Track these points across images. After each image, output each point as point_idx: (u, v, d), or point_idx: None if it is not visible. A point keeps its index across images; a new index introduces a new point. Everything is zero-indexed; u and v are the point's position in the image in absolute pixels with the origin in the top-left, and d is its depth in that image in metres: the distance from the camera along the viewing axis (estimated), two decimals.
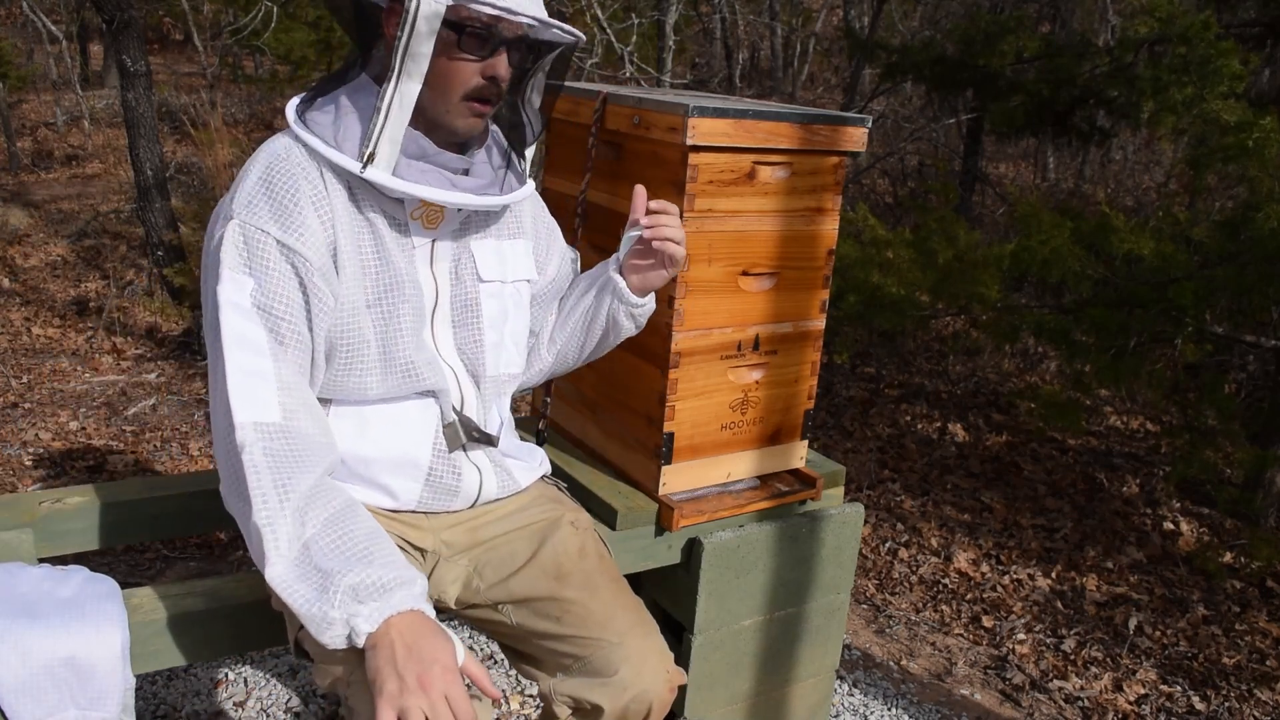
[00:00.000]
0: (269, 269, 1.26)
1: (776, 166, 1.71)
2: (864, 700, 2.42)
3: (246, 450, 1.20)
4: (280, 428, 1.23)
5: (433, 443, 1.43)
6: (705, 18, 10.62)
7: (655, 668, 1.41)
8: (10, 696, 1.22)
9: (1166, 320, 3.09)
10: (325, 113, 1.33)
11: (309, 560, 1.19)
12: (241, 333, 1.24)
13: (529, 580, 1.46)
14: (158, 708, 2.18)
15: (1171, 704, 2.51)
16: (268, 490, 1.20)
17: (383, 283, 1.35)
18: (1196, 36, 3.20)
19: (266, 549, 1.19)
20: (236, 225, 1.26)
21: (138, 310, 4.96)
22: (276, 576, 1.19)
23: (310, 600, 1.16)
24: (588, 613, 1.42)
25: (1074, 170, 7.60)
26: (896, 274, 3.42)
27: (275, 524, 1.19)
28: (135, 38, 4.47)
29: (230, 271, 1.25)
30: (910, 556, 3.17)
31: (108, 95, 10.53)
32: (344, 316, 1.32)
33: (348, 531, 1.22)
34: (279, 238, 1.26)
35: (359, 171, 1.27)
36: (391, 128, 1.27)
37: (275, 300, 1.26)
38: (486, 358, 1.46)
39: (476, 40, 1.28)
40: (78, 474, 3.32)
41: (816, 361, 1.91)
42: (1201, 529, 3.38)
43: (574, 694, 1.41)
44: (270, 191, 1.28)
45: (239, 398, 1.22)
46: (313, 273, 1.27)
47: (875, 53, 5.05)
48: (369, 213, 1.34)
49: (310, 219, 1.28)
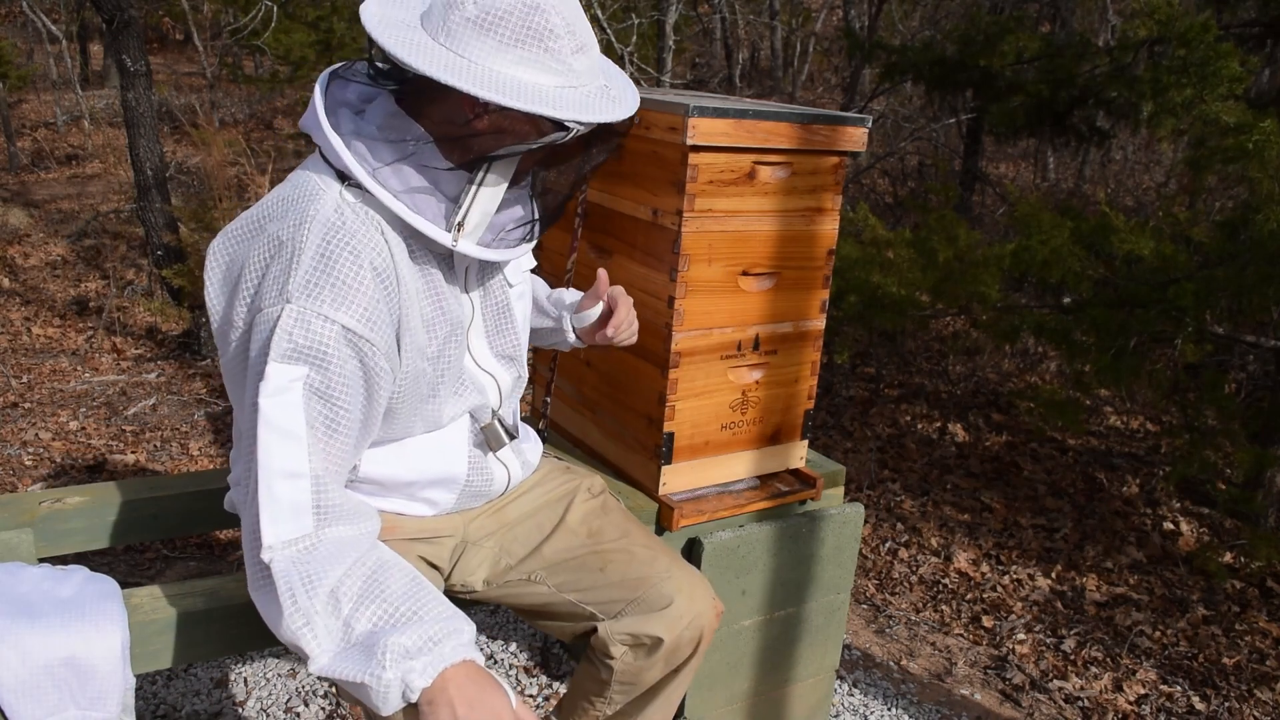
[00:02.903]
0: (328, 355, 1.17)
1: (776, 166, 1.71)
2: (864, 700, 2.42)
3: (276, 563, 1.15)
4: (311, 536, 1.17)
5: (468, 458, 1.46)
6: (705, 18, 10.62)
7: (704, 595, 1.50)
8: (10, 696, 1.22)
9: (1166, 320, 3.09)
10: (396, 171, 1.23)
11: (350, 638, 1.15)
12: (283, 435, 1.16)
13: (562, 544, 1.52)
14: (158, 708, 2.18)
15: (1171, 704, 2.51)
16: (296, 590, 1.14)
17: (442, 335, 1.34)
18: (1196, 38, 3.20)
19: (307, 648, 1.14)
20: (294, 312, 1.15)
21: (137, 310, 4.96)
22: (325, 669, 1.14)
23: (360, 669, 1.12)
24: (631, 556, 1.50)
25: (1074, 170, 7.60)
26: (896, 274, 3.42)
27: (312, 621, 1.14)
28: (135, 38, 4.47)
29: (279, 363, 1.15)
30: (910, 556, 3.17)
31: (108, 95, 10.54)
32: (406, 384, 1.30)
33: (385, 596, 1.17)
34: (345, 324, 1.17)
35: (452, 245, 1.24)
36: (484, 202, 1.25)
37: (334, 388, 1.18)
38: (523, 356, 1.53)
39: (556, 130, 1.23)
40: (78, 474, 3.32)
41: (816, 361, 1.91)
42: (1201, 529, 3.38)
43: (633, 630, 1.46)
44: (330, 269, 1.17)
45: (269, 515, 1.15)
46: (378, 355, 1.21)
47: (875, 53, 5.05)
48: (425, 265, 1.31)
49: (376, 296, 1.20)
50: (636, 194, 1.74)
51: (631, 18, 5.80)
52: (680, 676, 1.53)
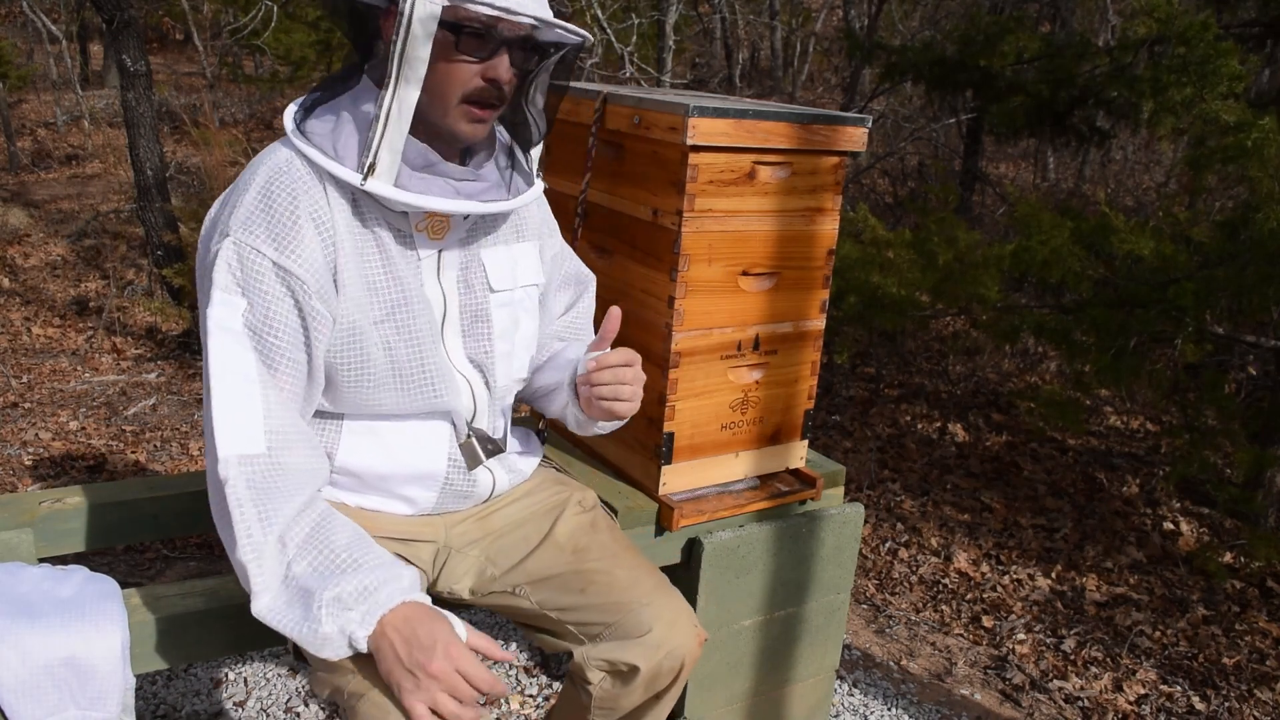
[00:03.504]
0: (264, 292, 1.22)
1: (776, 166, 1.71)
2: (864, 700, 2.42)
3: (230, 484, 1.19)
4: (265, 459, 1.21)
5: (448, 455, 1.43)
6: (705, 18, 10.63)
7: (685, 624, 1.45)
8: (10, 696, 1.22)
9: (1166, 320, 3.09)
10: (325, 121, 1.28)
11: (294, 584, 1.19)
12: (230, 357, 1.22)
13: (546, 560, 1.48)
14: (158, 708, 2.18)
15: (1171, 704, 2.51)
16: (251, 523, 1.18)
17: (391, 300, 1.32)
18: (1196, 37, 3.20)
19: (252, 583, 1.19)
20: (232, 244, 1.22)
21: (137, 310, 4.96)
22: (264, 609, 1.19)
23: (299, 622, 1.16)
24: (612, 579, 1.45)
25: (1074, 170, 7.60)
26: (896, 274, 3.42)
27: (261, 557, 1.19)
28: (135, 38, 4.47)
29: (223, 293, 1.22)
30: (910, 556, 3.17)
31: (108, 95, 10.54)
32: (343, 336, 1.30)
33: (327, 545, 1.21)
34: (275, 259, 1.22)
35: (359, 184, 1.23)
36: (391, 136, 1.22)
37: (268, 324, 1.23)
38: (498, 368, 1.45)
39: (475, 41, 1.24)
40: (78, 474, 3.32)
41: (816, 361, 1.91)
42: (1201, 529, 3.38)
43: (609, 657, 1.43)
44: (269, 209, 1.24)
45: (223, 429, 1.20)
46: (310, 296, 1.24)
47: (875, 53, 5.05)
48: (374, 227, 1.31)
49: (310, 239, 1.24)
50: (636, 194, 1.74)
51: (631, 18, 5.80)
52: (662, 703, 1.50)
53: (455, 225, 1.39)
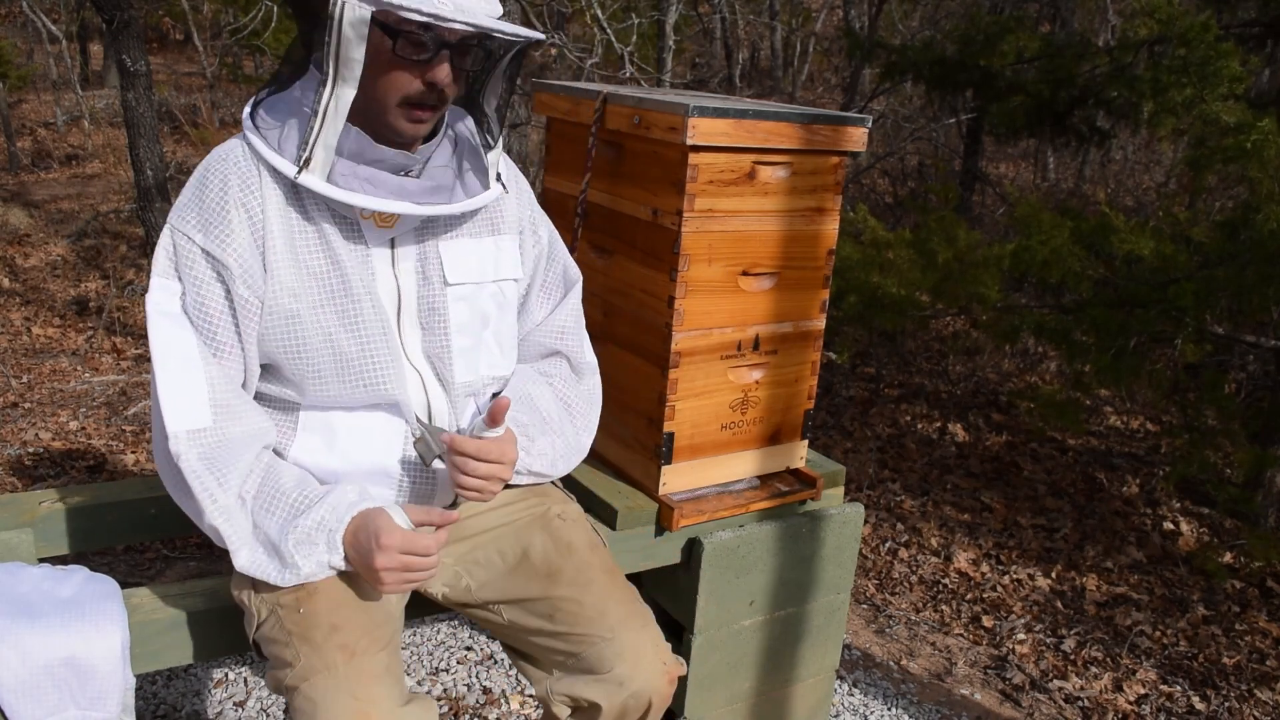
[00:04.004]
0: (195, 276, 1.27)
1: (777, 166, 1.71)
2: (864, 700, 2.42)
3: (183, 458, 1.24)
4: (212, 432, 1.26)
5: (400, 455, 1.39)
6: (705, 18, 10.63)
7: (651, 661, 1.39)
8: (10, 696, 1.22)
9: (1166, 320, 3.09)
10: (276, 112, 1.30)
11: (261, 536, 1.29)
12: (171, 339, 1.27)
13: (519, 581, 1.44)
14: (158, 708, 2.18)
15: (1171, 704, 2.51)
16: (212, 489, 1.25)
17: (330, 287, 1.31)
18: (1197, 38, 3.20)
19: (229, 542, 1.27)
20: (168, 231, 1.29)
21: (137, 310, 4.96)
22: (246, 563, 1.28)
23: (280, 570, 1.27)
24: (579, 609, 1.40)
25: (1074, 170, 7.60)
26: (896, 274, 3.42)
27: (230, 516, 1.27)
28: (135, 38, 4.47)
29: (160, 278, 1.28)
30: (910, 556, 3.17)
31: (108, 95, 10.54)
32: (277, 321, 1.30)
33: (278, 490, 1.29)
34: (203, 245, 1.27)
35: (293, 176, 1.24)
36: (327, 134, 1.23)
37: (201, 307, 1.28)
38: (455, 363, 1.41)
39: (413, 46, 1.22)
40: (78, 474, 3.32)
41: (816, 361, 1.91)
42: (1201, 529, 3.38)
43: (570, 692, 1.40)
44: (201, 196, 1.28)
45: (171, 407, 1.25)
46: (235, 280, 1.27)
47: (875, 53, 5.05)
48: (315, 215, 1.31)
49: (236, 224, 1.27)
50: (636, 194, 1.74)
51: (631, 18, 5.80)
52: None
53: (406, 217, 1.35)
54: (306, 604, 1.28)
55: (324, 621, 1.26)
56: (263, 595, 1.32)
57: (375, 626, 1.29)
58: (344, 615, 1.28)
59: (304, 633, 1.26)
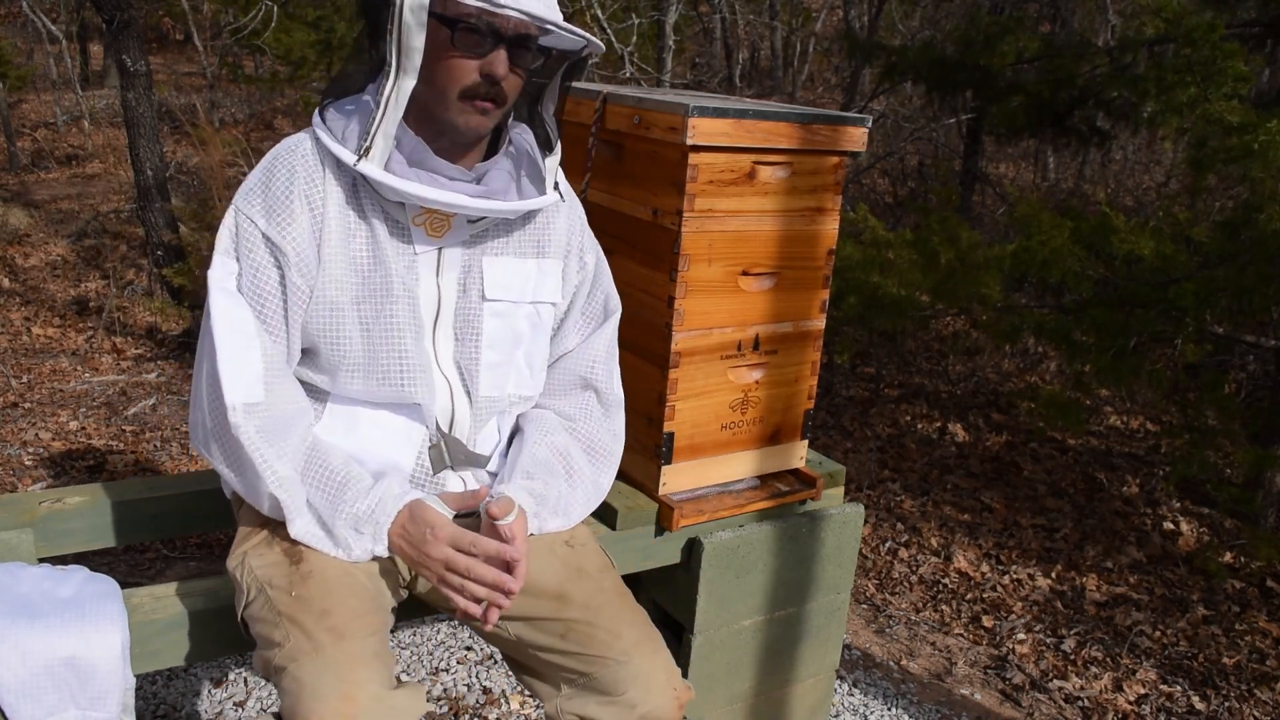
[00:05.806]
0: (254, 259, 1.33)
1: (776, 166, 1.71)
2: (864, 700, 2.42)
3: (242, 430, 1.28)
4: (265, 405, 1.31)
5: (416, 456, 1.42)
6: (705, 18, 10.63)
7: (663, 686, 1.40)
8: (10, 696, 1.22)
9: (1166, 320, 3.09)
10: (344, 110, 1.36)
11: (314, 511, 1.35)
12: (230, 313, 1.31)
13: (528, 601, 1.43)
14: (158, 708, 2.18)
15: (1171, 704, 2.51)
16: (271, 460, 1.30)
17: (372, 284, 1.36)
18: (1202, 37, 3.19)
19: (287, 511, 1.32)
20: (232, 212, 1.34)
21: (138, 310, 4.96)
22: (301, 532, 1.33)
23: (333, 548, 1.34)
24: (592, 630, 1.40)
25: (1074, 170, 7.60)
26: (897, 274, 3.42)
27: (288, 487, 1.32)
28: (135, 38, 4.47)
29: (221, 255, 1.34)
30: (910, 556, 3.17)
31: (108, 95, 10.54)
32: (322, 310, 1.35)
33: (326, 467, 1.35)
34: (265, 230, 1.32)
35: (353, 164, 1.29)
36: (387, 124, 1.28)
37: (255, 287, 1.33)
38: (481, 377, 1.44)
39: (471, 37, 1.27)
40: (78, 474, 3.32)
41: (816, 361, 1.91)
42: (1201, 529, 3.38)
43: (581, 712, 1.40)
44: (268, 183, 1.33)
45: (230, 379, 1.28)
46: (290, 266, 1.32)
47: (875, 53, 5.05)
48: (370, 214, 1.35)
49: (299, 213, 1.32)
50: (636, 194, 1.74)
51: (631, 18, 5.80)
52: None
53: (456, 226, 1.39)
54: (300, 587, 1.29)
55: (315, 605, 1.27)
56: (254, 573, 1.33)
57: (366, 613, 1.30)
58: (335, 600, 1.29)
59: (294, 615, 1.26)
